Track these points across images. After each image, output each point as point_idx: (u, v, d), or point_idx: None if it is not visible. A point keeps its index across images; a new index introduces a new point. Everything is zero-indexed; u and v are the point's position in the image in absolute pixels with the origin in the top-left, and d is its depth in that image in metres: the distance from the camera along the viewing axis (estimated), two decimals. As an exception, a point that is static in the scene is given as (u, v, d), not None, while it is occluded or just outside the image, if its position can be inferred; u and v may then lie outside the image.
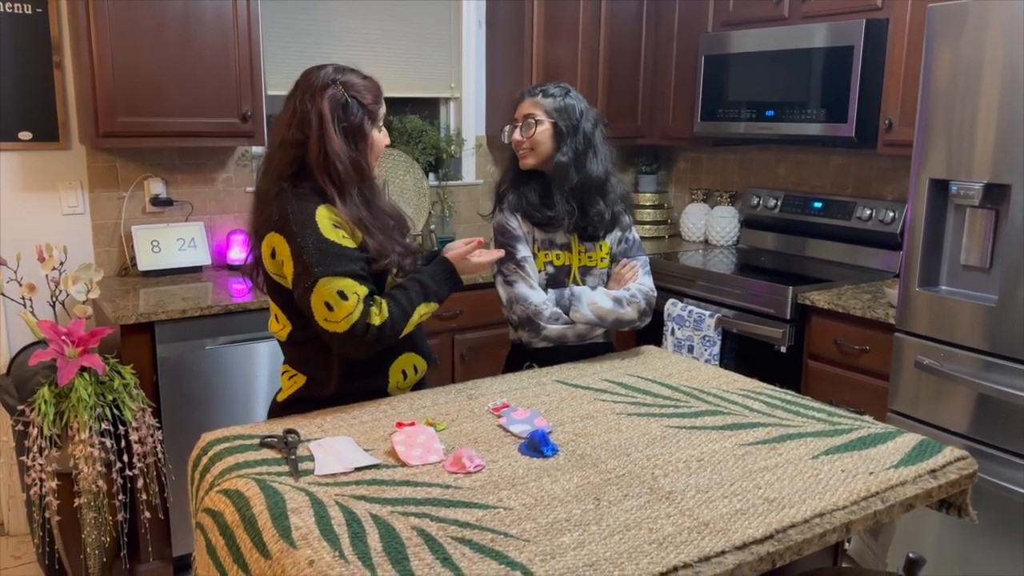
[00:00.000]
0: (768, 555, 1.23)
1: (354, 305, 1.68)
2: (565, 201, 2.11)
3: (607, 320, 2.11)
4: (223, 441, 1.59)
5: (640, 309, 2.14)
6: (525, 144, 2.12)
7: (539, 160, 2.13)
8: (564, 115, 2.11)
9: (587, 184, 2.11)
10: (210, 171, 3.31)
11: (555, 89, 2.14)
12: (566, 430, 1.64)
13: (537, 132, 2.10)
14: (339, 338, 1.69)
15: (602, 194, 2.15)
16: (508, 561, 1.16)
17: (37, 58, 2.92)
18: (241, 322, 2.77)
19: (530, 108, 2.13)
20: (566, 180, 2.10)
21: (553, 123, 2.10)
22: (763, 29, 3.35)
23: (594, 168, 2.12)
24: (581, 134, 2.11)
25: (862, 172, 3.48)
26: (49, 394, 2.46)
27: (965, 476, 1.52)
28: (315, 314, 1.70)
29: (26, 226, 2.98)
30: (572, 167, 2.09)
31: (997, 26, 2.26)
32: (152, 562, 2.76)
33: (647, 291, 2.17)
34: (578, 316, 2.08)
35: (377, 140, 1.84)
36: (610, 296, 2.12)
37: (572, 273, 2.17)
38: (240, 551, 1.31)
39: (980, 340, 2.36)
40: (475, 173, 3.99)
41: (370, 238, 1.76)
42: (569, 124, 2.10)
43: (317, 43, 3.44)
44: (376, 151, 1.84)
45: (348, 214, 1.74)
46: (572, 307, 2.09)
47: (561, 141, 2.10)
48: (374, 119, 1.82)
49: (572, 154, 2.09)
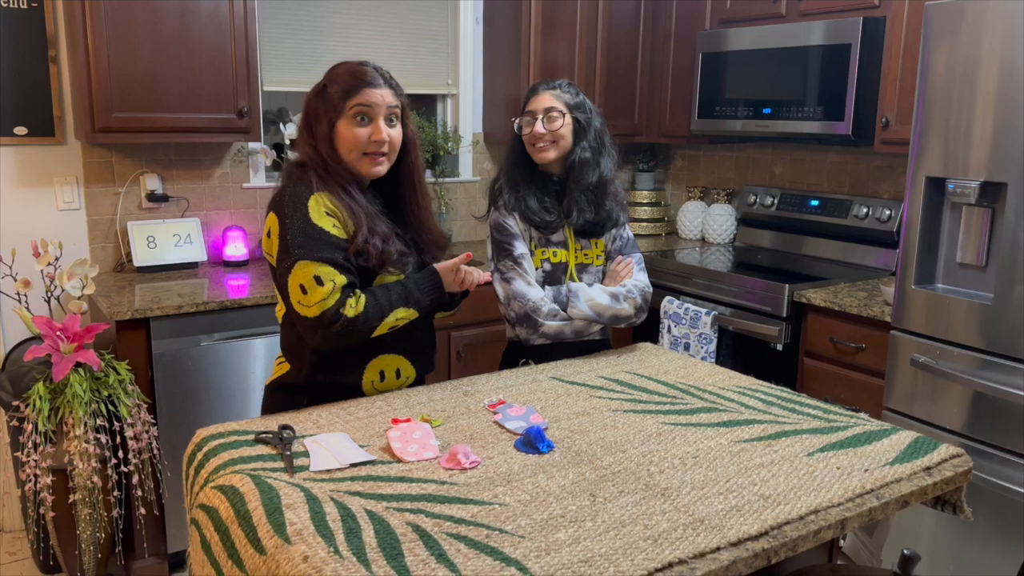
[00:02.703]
0: (763, 551, 1.23)
1: (328, 292, 1.67)
2: (581, 199, 2.11)
3: (604, 316, 2.11)
4: (218, 437, 1.59)
5: (636, 305, 2.14)
6: (547, 137, 2.08)
7: (560, 154, 2.10)
8: (581, 111, 2.12)
9: (601, 182, 2.13)
10: (206, 167, 3.30)
11: (569, 87, 2.15)
12: (562, 427, 1.64)
13: (562, 126, 2.09)
14: (309, 323, 1.69)
15: (610, 193, 2.17)
16: (503, 557, 1.16)
17: (33, 53, 2.91)
18: (237, 318, 2.77)
19: (551, 101, 2.10)
20: (585, 177, 2.10)
21: (574, 118, 2.11)
22: (760, 27, 3.35)
23: (607, 167, 2.14)
24: (594, 131, 2.13)
25: (859, 170, 3.48)
26: (44, 390, 2.46)
27: (960, 473, 1.52)
28: (290, 295, 1.70)
29: (21, 221, 2.97)
30: (592, 164, 2.10)
31: (994, 25, 2.26)
32: (147, 558, 2.75)
33: (643, 287, 2.17)
34: (575, 312, 2.08)
35: (344, 133, 1.74)
36: (607, 292, 2.12)
37: (569, 270, 2.17)
38: (235, 547, 1.31)
39: (976, 338, 2.37)
40: (472, 170, 3.99)
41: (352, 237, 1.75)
42: (586, 120, 2.12)
43: (314, 39, 3.44)
44: (346, 145, 1.75)
45: (334, 204, 1.75)
46: (570, 303, 2.09)
47: (580, 137, 2.11)
48: (337, 112, 1.74)
49: (592, 150, 2.11)
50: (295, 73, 3.37)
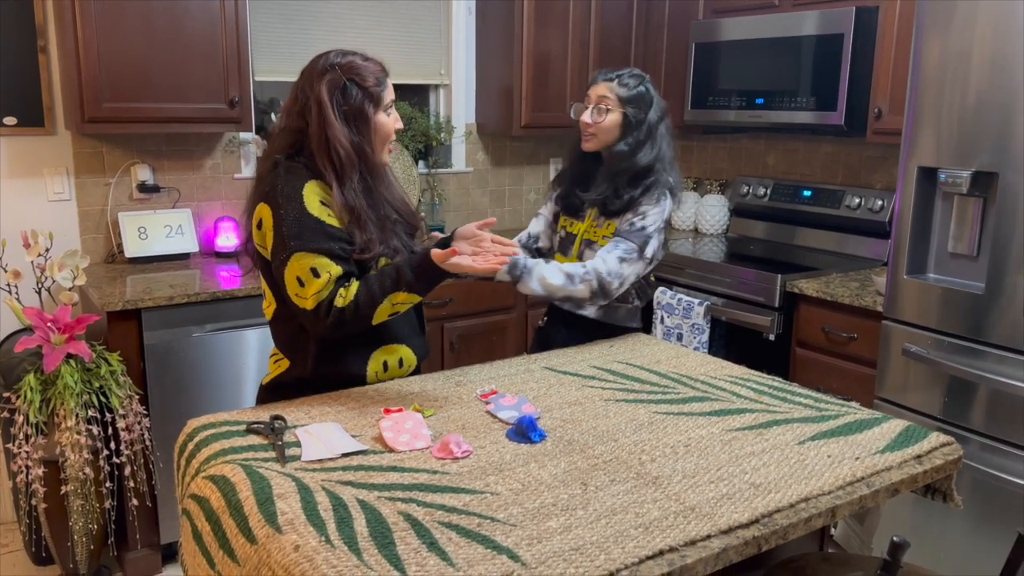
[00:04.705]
0: (754, 539, 1.23)
1: (324, 283, 1.67)
2: (605, 184, 2.17)
3: (556, 295, 2.08)
4: (209, 427, 1.58)
5: (592, 288, 2.05)
6: (591, 128, 2.18)
7: (600, 146, 2.20)
8: (635, 105, 2.15)
9: (628, 169, 2.15)
10: (197, 157, 3.29)
11: (630, 79, 2.18)
12: (554, 416, 1.64)
13: (607, 120, 2.16)
14: (306, 315, 1.70)
15: (638, 180, 2.16)
16: (494, 545, 1.16)
17: (21, 42, 2.89)
18: (228, 309, 2.76)
19: (605, 91, 2.17)
20: (615, 165, 2.16)
21: (623, 113, 2.15)
22: (754, 17, 3.34)
23: (643, 158, 2.15)
24: (646, 125, 2.16)
25: (851, 160, 3.48)
26: (35, 381, 2.45)
27: (950, 462, 1.53)
28: (287, 288, 1.70)
29: (11, 212, 2.96)
30: (628, 157, 2.15)
31: (987, 14, 2.26)
32: (140, 549, 2.75)
33: (604, 273, 2.05)
34: (525, 289, 2.04)
35: (382, 124, 1.79)
36: (563, 272, 2.04)
37: (576, 242, 2.23)
38: (226, 536, 1.31)
39: (967, 328, 2.38)
40: (465, 161, 3.98)
41: (359, 229, 1.72)
42: (638, 115, 2.15)
43: (306, 29, 3.42)
44: (382, 135, 1.80)
45: (342, 200, 1.71)
46: (521, 280, 2.02)
47: (627, 131, 2.16)
48: (376, 102, 1.77)
49: (633, 144, 2.15)
50: (286, 63, 3.35)
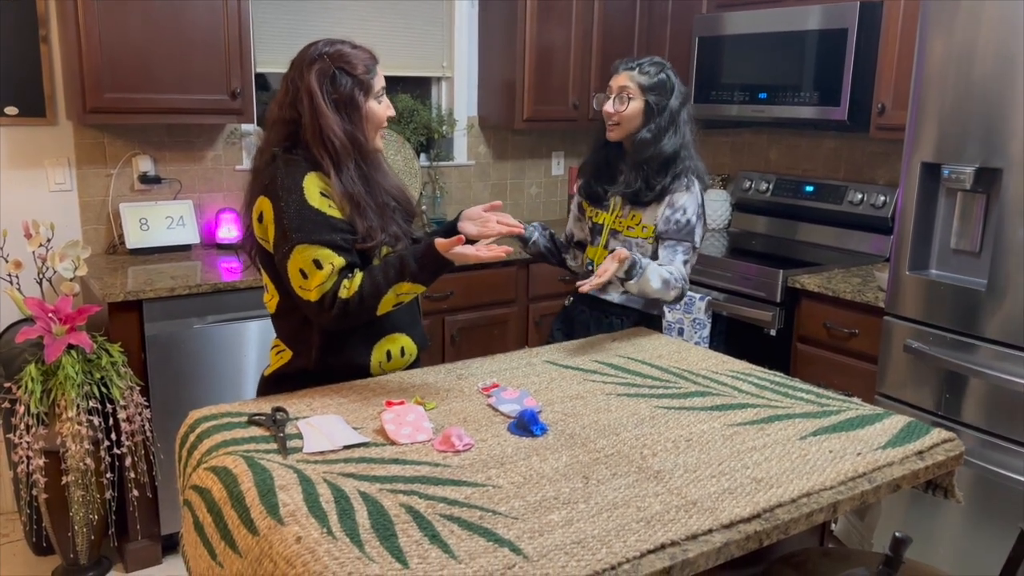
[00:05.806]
0: (755, 534, 1.23)
1: (327, 275, 1.67)
2: (631, 173, 2.19)
3: (649, 297, 2.14)
4: (211, 419, 1.58)
5: (678, 294, 2.14)
6: (615, 117, 2.20)
7: (623, 135, 2.22)
8: (656, 93, 2.18)
9: (654, 157, 2.17)
10: (199, 148, 3.28)
11: (650, 67, 2.21)
12: (555, 410, 1.64)
13: (629, 108, 2.18)
14: (311, 307, 1.70)
15: (667, 168, 2.18)
16: (496, 538, 1.16)
17: (23, 32, 2.88)
18: (230, 301, 2.76)
19: (625, 81, 2.19)
20: (641, 154, 2.17)
21: (645, 101, 2.17)
22: (757, 11, 3.33)
23: (668, 145, 2.17)
24: (668, 112, 2.18)
25: (854, 156, 3.47)
26: (36, 372, 2.45)
27: (952, 458, 1.53)
28: (291, 280, 1.71)
29: (13, 202, 2.95)
30: (652, 144, 2.16)
31: (991, 10, 2.25)
32: (140, 540, 2.76)
33: (680, 278, 2.13)
34: (633, 288, 2.06)
35: (374, 111, 1.78)
36: (661, 277, 2.08)
37: (604, 232, 2.25)
38: (227, 528, 1.31)
39: (969, 324, 2.37)
40: (467, 154, 3.97)
41: (359, 217, 1.73)
42: (660, 102, 2.17)
43: (308, 20, 3.41)
44: (374, 123, 1.79)
45: (340, 189, 1.71)
46: (633, 279, 2.02)
47: (649, 119, 2.17)
48: (366, 89, 1.76)
49: (656, 131, 2.16)
50: (288, 54, 3.30)
